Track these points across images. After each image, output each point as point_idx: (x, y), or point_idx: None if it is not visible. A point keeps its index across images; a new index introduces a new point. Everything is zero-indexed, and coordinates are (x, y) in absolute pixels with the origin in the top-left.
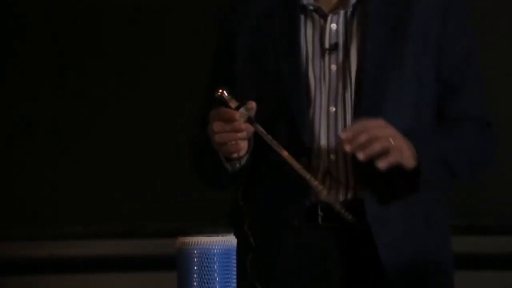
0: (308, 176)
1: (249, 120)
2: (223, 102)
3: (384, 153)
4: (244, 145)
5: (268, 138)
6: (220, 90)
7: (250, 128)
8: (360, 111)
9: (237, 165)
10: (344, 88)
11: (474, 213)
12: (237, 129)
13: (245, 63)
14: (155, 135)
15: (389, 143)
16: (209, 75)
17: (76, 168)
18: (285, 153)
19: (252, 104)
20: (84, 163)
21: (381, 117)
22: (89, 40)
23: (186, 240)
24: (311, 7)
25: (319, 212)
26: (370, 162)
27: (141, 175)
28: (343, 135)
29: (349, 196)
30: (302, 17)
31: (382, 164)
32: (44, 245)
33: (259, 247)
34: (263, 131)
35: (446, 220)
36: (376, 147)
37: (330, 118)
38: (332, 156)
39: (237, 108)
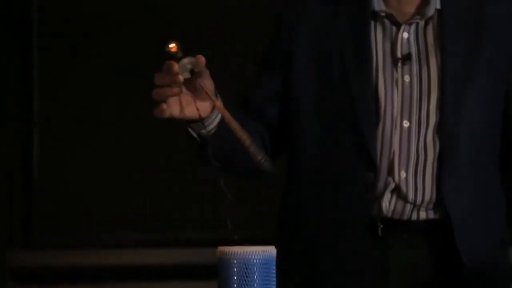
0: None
1: (192, 73)
2: (172, 58)
3: None
4: (176, 104)
5: (212, 96)
6: (171, 45)
7: (195, 83)
8: (442, 123)
9: (203, 131)
10: (420, 101)
11: None
12: (173, 81)
13: (306, 64)
14: None
15: None
16: (256, 73)
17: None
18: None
19: (200, 58)
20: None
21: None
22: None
23: (226, 250)
24: (383, 14)
25: (379, 224)
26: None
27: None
28: None
29: (414, 215)
30: (372, 23)
31: None
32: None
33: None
34: (208, 90)
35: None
36: None
37: (403, 134)
38: (403, 174)
39: (180, 60)
